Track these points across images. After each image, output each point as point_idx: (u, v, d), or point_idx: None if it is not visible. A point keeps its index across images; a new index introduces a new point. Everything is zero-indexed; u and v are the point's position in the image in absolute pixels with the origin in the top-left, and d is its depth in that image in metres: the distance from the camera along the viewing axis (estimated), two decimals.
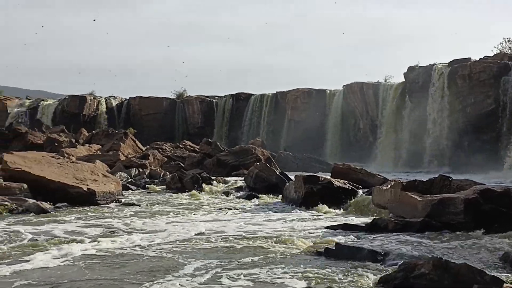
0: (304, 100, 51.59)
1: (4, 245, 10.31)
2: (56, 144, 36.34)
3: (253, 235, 11.49)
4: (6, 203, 15.31)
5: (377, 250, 9.05)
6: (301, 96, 51.99)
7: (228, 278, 7.81)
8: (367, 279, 7.73)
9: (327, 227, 12.53)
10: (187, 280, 7.68)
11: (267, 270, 8.27)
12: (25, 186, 16.75)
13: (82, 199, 16.91)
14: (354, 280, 7.70)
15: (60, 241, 10.57)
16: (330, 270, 8.26)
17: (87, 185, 17.48)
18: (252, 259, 9.02)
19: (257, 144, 37.61)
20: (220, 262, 8.79)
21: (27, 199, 15.86)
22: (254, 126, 53.54)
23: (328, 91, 51.79)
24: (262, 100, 54.38)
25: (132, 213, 15.41)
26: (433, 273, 6.80)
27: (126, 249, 9.88)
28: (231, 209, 16.45)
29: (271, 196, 19.90)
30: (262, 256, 9.28)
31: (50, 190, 17.02)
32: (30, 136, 39.19)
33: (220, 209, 16.46)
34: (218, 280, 7.72)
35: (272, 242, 10.61)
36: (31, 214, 14.60)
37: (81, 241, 10.55)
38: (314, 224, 13.36)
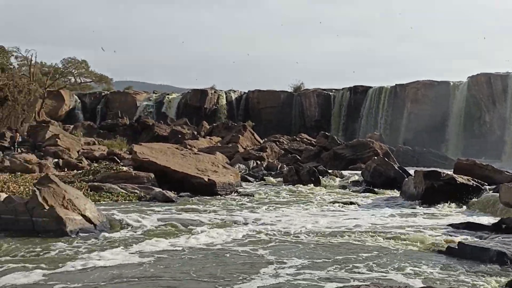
0: (425, 93, 49.61)
1: (126, 231, 11.07)
2: (179, 136, 38.28)
3: (369, 231, 11.31)
4: (136, 191, 16.43)
5: (504, 252, 8.52)
6: (422, 88, 50.06)
7: (336, 276, 7.76)
8: (493, 282, 7.33)
9: (449, 225, 12.04)
10: (283, 277, 7.75)
11: (382, 267, 8.11)
12: (152, 175, 17.82)
13: (203, 189, 17.66)
14: (478, 282, 7.34)
15: (173, 230, 11.06)
16: (452, 270, 7.94)
17: (208, 176, 18.21)
18: (366, 256, 8.88)
19: (375, 137, 36.92)
20: (329, 259, 8.71)
21: (153, 187, 16.89)
22: (371, 120, 52.44)
23: (451, 83, 49.37)
24: (381, 93, 53.08)
25: (248, 204, 15.82)
26: None
27: (228, 242, 9.99)
28: (347, 203, 16.31)
29: (389, 191, 19.47)
30: (377, 253, 9.12)
31: (174, 179, 17.98)
32: (157, 128, 41.62)
33: (335, 203, 16.38)
34: (327, 277, 7.70)
35: (389, 239, 10.38)
36: (157, 202, 15.53)
37: (192, 232, 10.86)
38: (435, 222, 12.88)
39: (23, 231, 10.12)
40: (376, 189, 19.70)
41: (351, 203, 16.35)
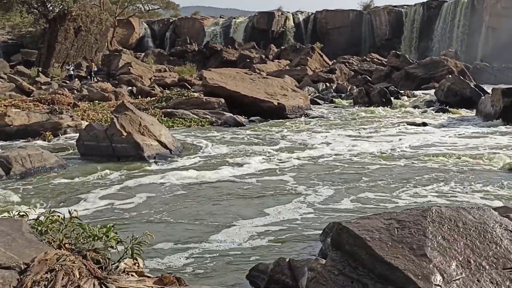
0: (506, 5, 46.38)
1: (198, 156, 11.42)
2: (248, 60, 38.22)
3: (443, 151, 11.13)
4: (207, 116, 16.80)
5: None
6: (502, 0, 46.84)
7: (405, 196, 7.77)
8: None
9: None
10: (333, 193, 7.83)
11: (457, 186, 8.04)
12: (223, 100, 18.08)
13: (273, 113, 17.79)
14: None
15: (239, 155, 11.25)
16: None
17: (277, 99, 18.28)
18: (439, 175, 8.80)
19: (450, 55, 35.38)
20: (400, 181, 8.72)
21: (224, 112, 17.18)
22: (446, 36, 49.95)
23: None
24: (456, 6, 50.12)
25: (316, 127, 15.85)
26: None
27: (280, 169, 9.84)
28: (419, 123, 16.00)
29: (464, 110, 18.87)
30: (452, 173, 9.00)
31: (244, 104, 18.18)
32: (225, 53, 41.71)
33: (407, 123, 16.11)
34: (393, 200, 7.73)
35: (464, 158, 10.20)
36: (228, 126, 15.84)
37: (254, 157, 10.85)
38: None
39: (105, 156, 10.73)
40: (450, 109, 19.16)
41: (424, 123, 16.02)
